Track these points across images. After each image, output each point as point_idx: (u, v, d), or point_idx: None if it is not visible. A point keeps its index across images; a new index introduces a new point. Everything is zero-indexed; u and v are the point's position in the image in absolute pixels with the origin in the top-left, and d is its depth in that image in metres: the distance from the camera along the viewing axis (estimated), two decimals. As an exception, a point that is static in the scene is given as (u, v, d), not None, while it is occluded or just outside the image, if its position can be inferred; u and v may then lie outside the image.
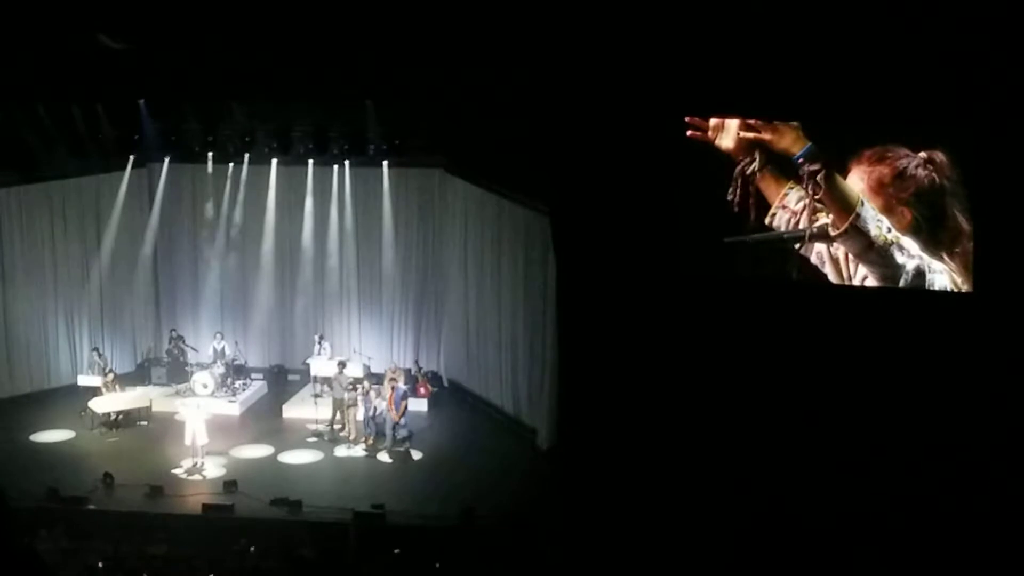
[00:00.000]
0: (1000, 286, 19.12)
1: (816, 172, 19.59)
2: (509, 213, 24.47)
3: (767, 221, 20.17)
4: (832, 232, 19.76)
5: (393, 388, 24.36)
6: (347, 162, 26.77)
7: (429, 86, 22.50)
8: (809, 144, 19.62)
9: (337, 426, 24.87)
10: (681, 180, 20.66)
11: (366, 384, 24.92)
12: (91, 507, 21.26)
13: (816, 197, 19.69)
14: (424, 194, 27.14)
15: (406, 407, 24.28)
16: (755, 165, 20.05)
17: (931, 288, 19.50)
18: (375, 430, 24.24)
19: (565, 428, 22.33)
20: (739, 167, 20.14)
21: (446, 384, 27.40)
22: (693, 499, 20.04)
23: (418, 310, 27.72)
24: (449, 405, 26.63)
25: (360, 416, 24.51)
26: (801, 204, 19.97)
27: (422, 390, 26.40)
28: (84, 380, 26.23)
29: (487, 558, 19.51)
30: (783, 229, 20.10)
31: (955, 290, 19.32)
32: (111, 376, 25.87)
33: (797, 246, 20.12)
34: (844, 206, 19.58)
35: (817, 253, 20.09)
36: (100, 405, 25.06)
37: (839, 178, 19.54)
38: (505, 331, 25.11)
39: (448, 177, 26.47)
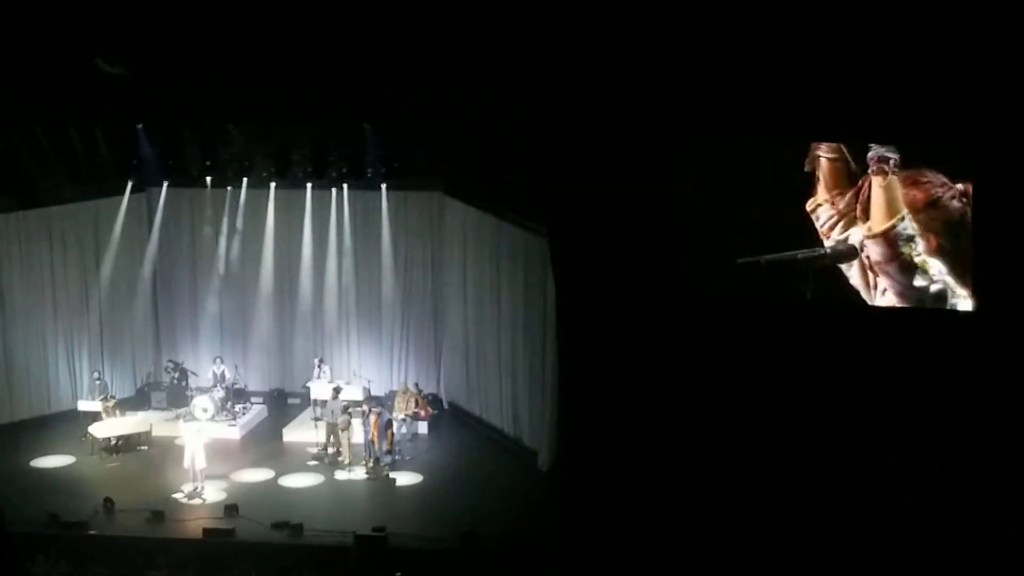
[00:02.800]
0: (1003, 303, 19.22)
1: (887, 159, 19.53)
2: (508, 235, 24.46)
3: (808, 207, 20.17)
4: (865, 232, 19.78)
5: (379, 414, 24.27)
6: (345, 185, 26.75)
7: (427, 108, 22.55)
8: None
9: (331, 450, 24.78)
10: (680, 200, 20.71)
11: (366, 407, 24.87)
12: (92, 532, 21.19)
13: (865, 196, 19.67)
14: (423, 216, 27.12)
15: (392, 435, 24.19)
16: (833, 155, 20.04)
17: (953, 310, 19.69)
18: (373, 453, 24.18)
19: (566, 450, 22.30)
20: (816, 144, 20.13)
21: (446, 406, 27.36)
22: (695, 520, 20.02)
23: (418, 332, 27.68)
24: (449, 427, 26.59)
25: (357, 439, 24.42)
26: (848, 209, 20.01)
27: (422, 412, 26.35)
28: (84, 405, 26.17)
29: (489, 580, 19.53)
30: (821, 222, 20.11)
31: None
32: (111, 401, 25.83)
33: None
34: (889, 211, 19.68)
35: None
36: (100, 430, 25.01)
37: (898, 184, 19.52)
38: (505, 353, 25.08)
39: (447, 199, 26.46)
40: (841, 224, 20.12)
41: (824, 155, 20.05)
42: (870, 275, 20.11)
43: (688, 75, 19.79)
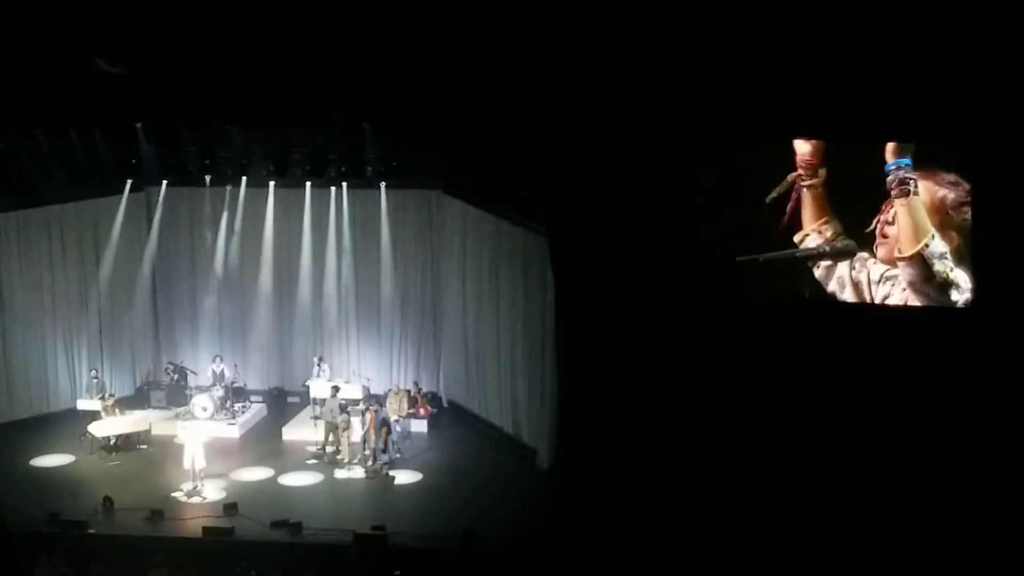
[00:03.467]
0: (1002, 299, 19.27)
1: (908, 180, 19.59)
2: (507, 234, 24.47)
3: (796, 239, 20.22)
4: (896, 255, 19.81)
5: (375, 412, 24.29)
6: (345, 184, 26.77)
7: (426, 108, 22.56)
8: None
9: (331, 448, 24.80)
10: (679, 200, 20.74)
11: (363, 405, 24.88)
12: (91, 531, 21.20)
13: (888, 220, 19.72)
14: (422, 215, 27.14)
15: (387, 432, 24.19)
16: (815, 182, 20.04)
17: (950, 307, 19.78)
18: (370, 452, 24.17)
19: (565, 448, 22.32)
20: (794, 175, 20.12)
21: (446, 405, 27.38)
22: (694, 518, 20.04)
23: (417, 331, 27.70)
24: (449, 426, 26.60)
25: (356, 438, 24.45)
26: (837, 235, 20.06)
27: (422, 411, 26.38)
28: (83, 404, 26.18)
29: (488, 578, 19.55)
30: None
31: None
32: (111, 400, 25.84)
33: (812, 264, 20.26)
34: (917, 232, 19.72)
35: (838, 278, 20.20)
36: (100, 429, 25.01)
37: (919, 203, 19.57)
38: (504, 351, 25.09)
39: (446, 198, 26.48)
40: None
41: (805, 184, 20.09)
42: (866, 292, 20.13)
43: (687, 76, 19.81)
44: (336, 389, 25.36)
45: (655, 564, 19.27)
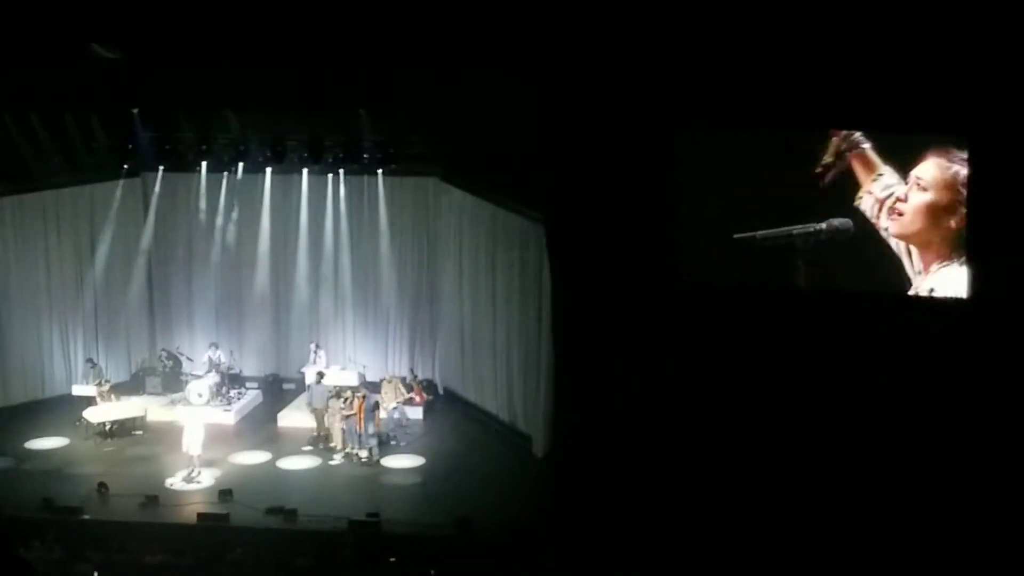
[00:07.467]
0: (998, 291, 19.28)
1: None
2: (504, 221, 24.44)
3: (855, 203, 20.09)
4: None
5: (364, 398, 24.23)
6: (341, 171, 26.72)
7: (424, 94, 22.53)
8: None
9: (331, 436, 24.77)
10: (676, 186, 20.74)
11: (349, 392, 24.83)
12: (86, 517, 21.18)
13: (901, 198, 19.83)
14: (419, 202, 27.11)
15: (378, 418, 24.13)
16: (858, 137, 19.94)
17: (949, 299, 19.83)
18: (358, 439, 24.09)
19: (560, 436, 22.33)
20: (840, 137, 20.03)
21: (441, 392, 27.38)
22: (691, 506, 20.05)
23: (413, 318, 27.69)
24: (444, 413, 26.59)
25: (347, 425, 24.41)
26: (886, 192, 19.93)
27: (417, 398, 26.36)
28: (78, 390, 26.18)
29: (483, 566, 19.49)
30: (868, 214, 20.11)
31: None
32: (106, 386, 25.81)
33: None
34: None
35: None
36: (95, 415, 25.01)
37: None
38: (500, 339, 25.07)
39: (443, 185, 26.44)
40: None
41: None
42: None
43: (685, 63, 19.81)
44: (320, 376, 25.32)
45: (651, 552, 19.26)
